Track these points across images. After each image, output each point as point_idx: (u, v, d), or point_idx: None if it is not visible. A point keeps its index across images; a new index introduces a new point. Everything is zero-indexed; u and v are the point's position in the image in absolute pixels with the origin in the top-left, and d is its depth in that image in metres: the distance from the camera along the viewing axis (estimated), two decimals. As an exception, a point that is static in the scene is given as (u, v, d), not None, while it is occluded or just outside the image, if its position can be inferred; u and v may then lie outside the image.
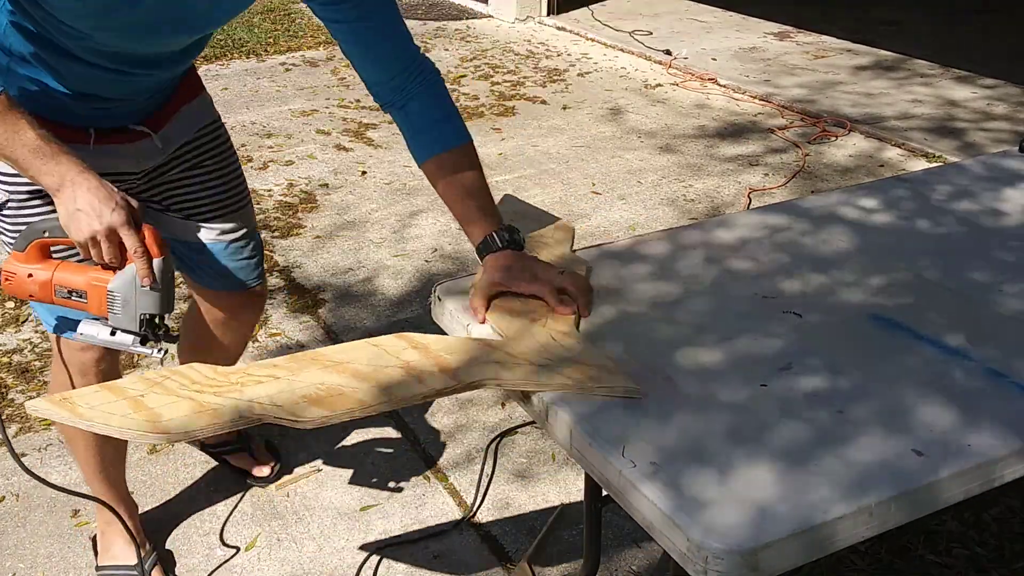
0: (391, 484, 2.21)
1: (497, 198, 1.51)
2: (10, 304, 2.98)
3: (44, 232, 1.41)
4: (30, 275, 1.42)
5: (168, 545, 2.04)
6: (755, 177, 4.02)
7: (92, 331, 1.43)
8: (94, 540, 2.00)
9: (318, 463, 2.29)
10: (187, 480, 2.23)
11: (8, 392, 2.55)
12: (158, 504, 2.16)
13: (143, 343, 1.40)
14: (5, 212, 1.51)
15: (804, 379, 1.23)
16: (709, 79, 5.38)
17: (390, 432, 2.40)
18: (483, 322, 1.32)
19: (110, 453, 1.86)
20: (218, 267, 1.80)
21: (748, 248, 1.61)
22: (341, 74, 5.47)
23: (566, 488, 2.20)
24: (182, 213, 1.73)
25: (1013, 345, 1.30)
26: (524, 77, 5.46)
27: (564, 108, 4.92)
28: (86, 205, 1.30)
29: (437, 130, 1.45)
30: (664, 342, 1.32)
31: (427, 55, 1.51)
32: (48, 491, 2.19)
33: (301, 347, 2.76)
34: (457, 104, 5.15)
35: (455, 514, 2.13)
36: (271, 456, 2.25)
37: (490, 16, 7.04)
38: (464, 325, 1.39)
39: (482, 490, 2.18)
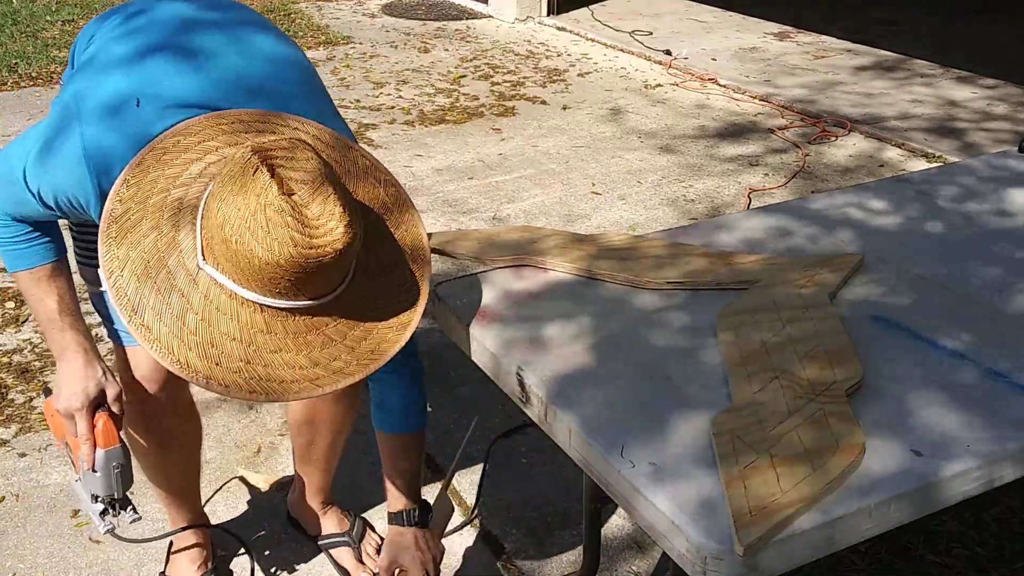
0: (391, 484, 2.21)
1: (497, 197, 1.51)
2: (10, 304, 2.98)
3: None
4: (52, 416, 1.53)
5: (167, 545, 2.04)
6: (755, 177, 4.02)
7: (77, 488, 1.52)
8: (170, 545, 1.95)
9: (318, 463, 2.29)
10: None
11: (8, 392, 2.55)
12: (158, 504, 2.16)
13: (102, 515, 1.50)
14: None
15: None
16: (709, 79, 5.38)
17: (390, 432, 2.40)
18: None
19: (172, 487, 1.83)
20: None
21: (748, 248, 1.61)
22: (341, 74, 5.47)
23: (566, 488, 2.20)
24: None
25: (1013, 346, 1.30)
26: (524, 77, 5.46)
27: (564, 108, 4.92)
28: (64, 383, 1.44)
29: (397, 415, 1.62)
30: (664, 342, 1.32)
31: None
32: (48, 491, 2.19)
33: (301, 347, 2.76)
34: (457, 104, 5.16)
35: (455, 514, 2.13)
36: (377, 553, 2.00)
37: (490, 16, 7.04)
38: (464, 325, 1.39)
39: (482, 490, 2.18)
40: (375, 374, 1.43)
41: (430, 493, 2.20)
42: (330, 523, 2.02)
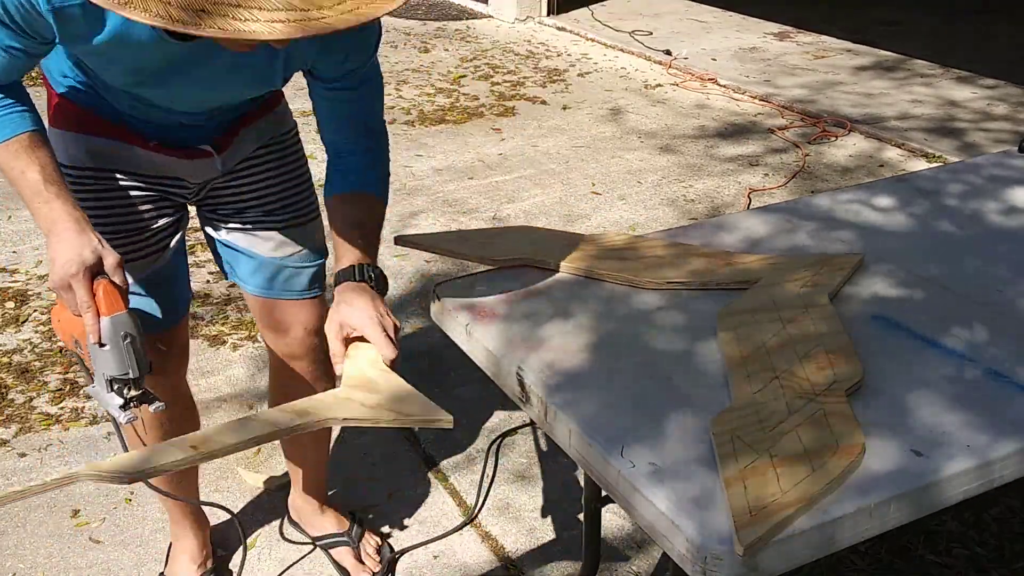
0: (391, 485, 2.21)
1: (497, 197, 1.51)
2: (10, 304, 2.98)
3: None
4: (59, 320, 1.39)
5: (167, 545, 2.04)
6: (755, 177, 4.02)
7: (95, 390, 1.36)
8: (170, 546, 1.97)
9: (318, 463, 2.29)
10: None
11: (8, 392, 2.55)
12: (158, 504, 2.16)
13: (123, 407, 1.33)
14: None
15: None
16: (709, 79, 5.38)
17: (390, 433, 2.39)
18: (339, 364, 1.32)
19: (174, 475, 1.78)
20: (267, 276, 1.71)
21: (749, 248, 1.61)
22: (341, 74, 5.47)
23: (566, 488, 2.20)
24: (236, 221, 1.67)
25: (1013, 346, 1.30)
26: (524, 77, 5.46)
27: (564, 108, 4.92)
28: (56, 255, 1.31)
29: (359, 175, 1.49)
30: (664, 343, 1.32)
31: (386, 126, 1.54)
32: (48, 491, 2.18)
33: (301, 347, 2.76)
34: (457, 104, 5.16)
35: (455, 514, 2.13)
36: (378, 557, 2.00)
37: (490, 16, 7.04)
38: (463, 325, 1.39)
39: (483, 491, 2.18)
40: (344, 151, 1.45)
41: (431, 493, 2.20)
42: (329, 523, 2.02)
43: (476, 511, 1.41)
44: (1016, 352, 1.28)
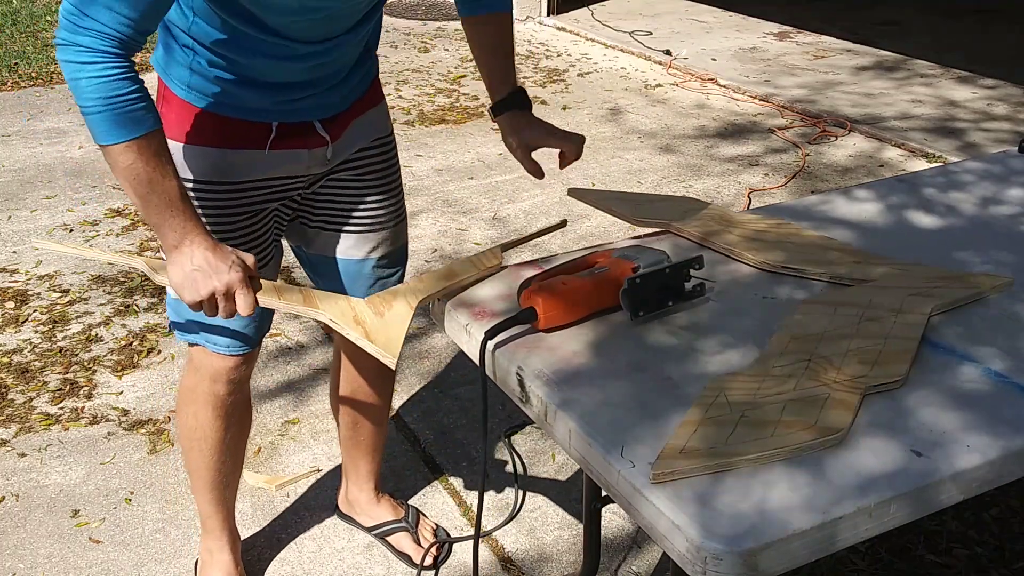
0: (391, 484, 2.21)
1: (497, 197, 1.52)
2: (10, 304, 2.98)
3: None
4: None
5: (167, 545, 2.04)
6: (755, 177, 4.02)
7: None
8: (196, 564, 1.94)
9: (318, 463, 2.29)
10: (187, 480, 2.23)
11: (8, 392, 2.55)
12: (158, 504, 2.16)
13: None
14: None
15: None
16: (709, 79, 5.38)
17: (390, 432, 2.40)
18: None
19: (227, 469, 1.77)
20: (358, 283, 1.73)
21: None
22: (341, 74, 5.48)
23: (566, 488, 2.20)
24: (332, 225, 1.68)
25: (1013, 345, 1.30)
26: (524, 77, 5.46)
27: (564, 108, 4.92)
28: (204, 264, 1.30)
29: None
30: (664, 343, 1.32)
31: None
32: (48, 491, 2.19)
33: (302, 347, 2.77)
34: (457, 104, 5.16)
35: (455, 514, 2.13)
36: (435, 539, 2.03)
37: (490, 16, 7.04)
38: (463, 325, 1.39)
39: (481, 493, 2.18)
40: None
41: (431, 493, 2.20)
42: (384, 511, 2.04)
43: (479, 515, 1.41)
44: (1016, 352, 1.28)
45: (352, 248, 1.69)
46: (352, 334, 1.29)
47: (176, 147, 1.46)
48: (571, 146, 1.63)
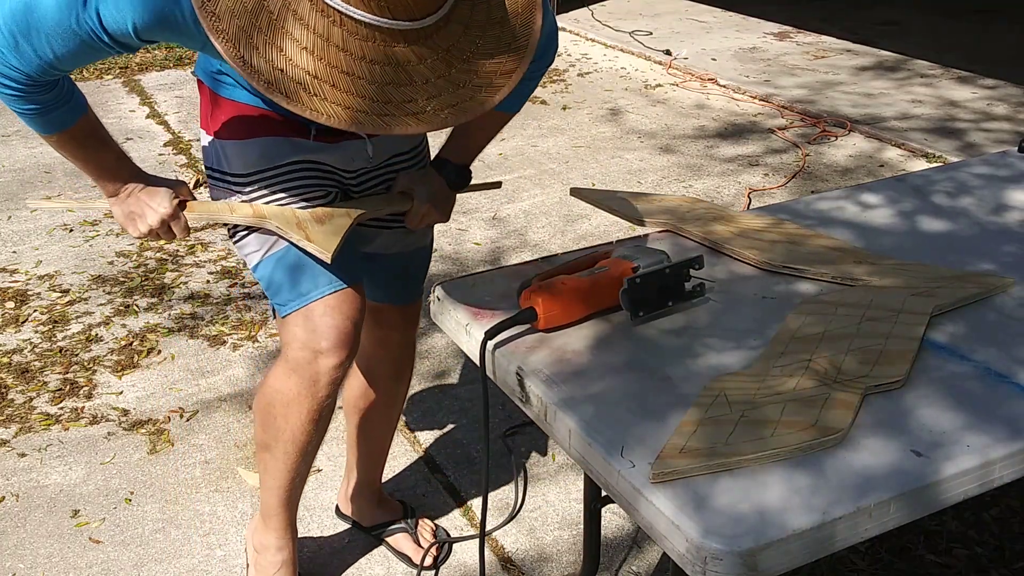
0: (391, 484, 2.21)
1: (497, 197, 1.52)
2: (10, 304, 2.98)
3: None
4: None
5: (167, 545, 2.04)
6: (755, 177, 4.02)
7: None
8: (247, 566, 1.87)
9: (318, 463, 2.29)
10: (187, 480, 2.23)
11: (8, 392, 2.55)
12: (158, 504, 2.16)
13: None
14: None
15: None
16: (709, 79, 5.38)
17: (390, 432, 2.40)
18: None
19: (305, 469, 1.73)
20: (386, 278, 1.76)
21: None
22: (341, 74, 5.47)
23: (566, 488, 2.20)
24: (373, 223, 1.70)
25: (1013, 345, 1.30)
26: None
27: (564, 108, 4.92)
28: (136, 207, 1.51)
29: (513, 97, 1.55)
30: (664, 342, 1.32)
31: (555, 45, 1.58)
32: (48, 491, 2.19)
33: (301, 347, 2.76)
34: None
35: (455, 514, 2.13)
36: (435, 540, 2.02)
37: (490, 16, 7.04)
38: (463, 325, 1.39)
39: (484, 493, 2.18)
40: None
41: (431, 493, 2.20)
42: (384, 512, 2.04)
43: (483, 517, 1.40)
44: (1015, 352, 1.28)
45: (385, 241, 1.73)
46: (294, 236, 1.47)
47: (222, 144, 1.55)
48: (429, 208, 1.63)
